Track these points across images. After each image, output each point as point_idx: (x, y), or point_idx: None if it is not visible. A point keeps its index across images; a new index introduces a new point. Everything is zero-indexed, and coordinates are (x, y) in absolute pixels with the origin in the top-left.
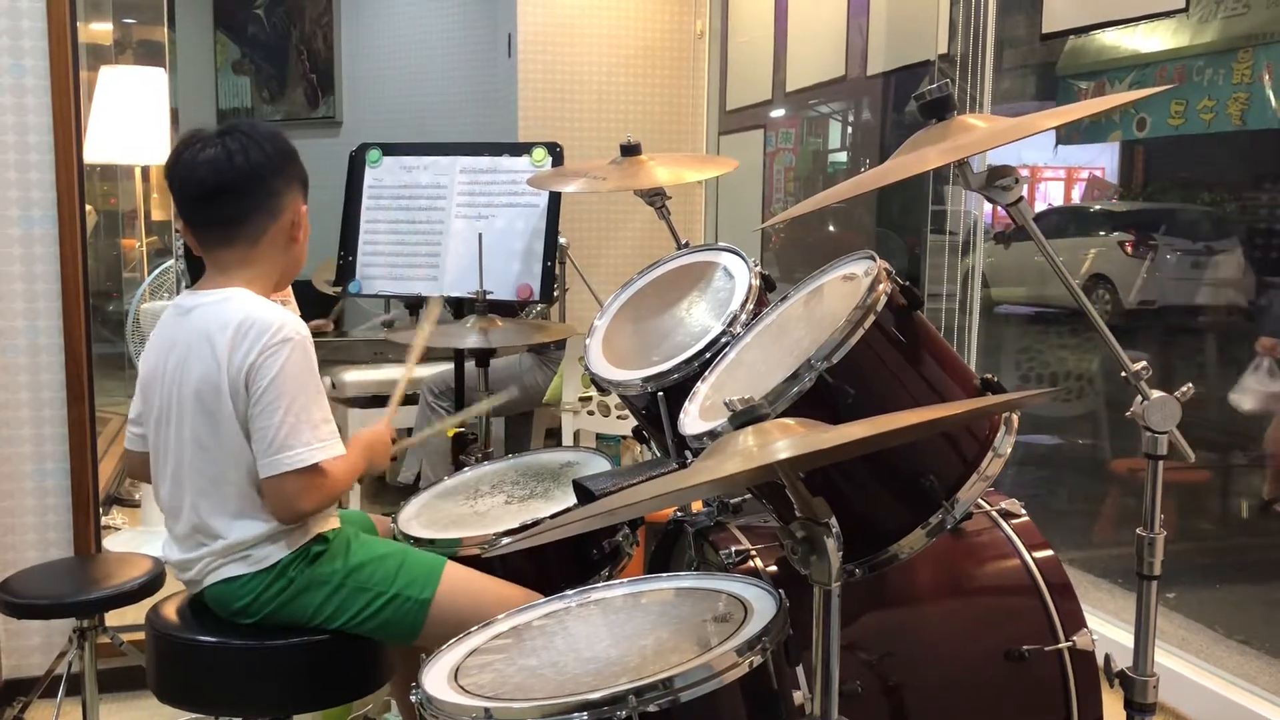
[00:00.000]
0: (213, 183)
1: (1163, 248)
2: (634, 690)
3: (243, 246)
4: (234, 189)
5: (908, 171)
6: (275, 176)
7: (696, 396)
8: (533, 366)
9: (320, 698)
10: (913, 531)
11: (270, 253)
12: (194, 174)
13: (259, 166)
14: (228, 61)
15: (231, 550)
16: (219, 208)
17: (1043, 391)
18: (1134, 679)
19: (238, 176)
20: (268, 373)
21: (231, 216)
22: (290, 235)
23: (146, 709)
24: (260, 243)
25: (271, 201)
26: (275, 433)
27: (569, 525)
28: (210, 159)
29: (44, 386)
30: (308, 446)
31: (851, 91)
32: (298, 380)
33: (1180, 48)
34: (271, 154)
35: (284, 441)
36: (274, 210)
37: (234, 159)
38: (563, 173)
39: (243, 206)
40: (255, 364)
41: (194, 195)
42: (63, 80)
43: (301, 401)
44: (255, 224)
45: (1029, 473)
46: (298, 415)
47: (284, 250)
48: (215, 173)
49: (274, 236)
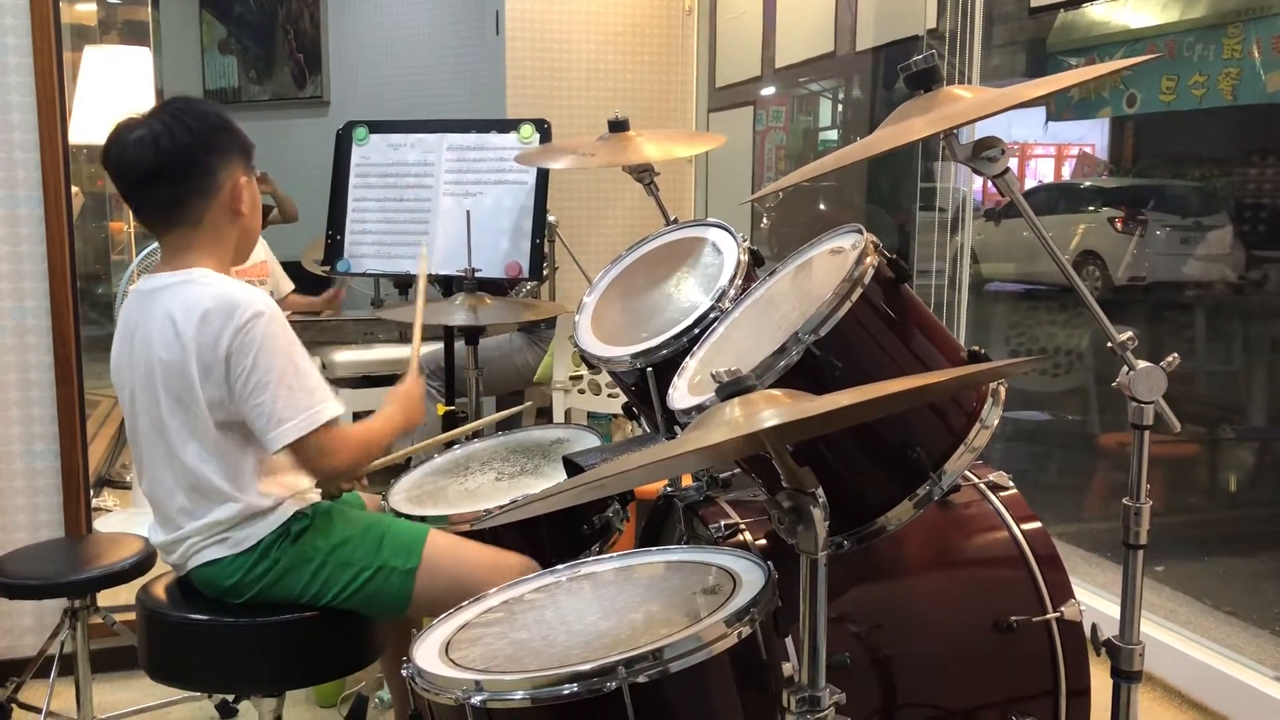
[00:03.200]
0: (142, 168)
1: (1153, 224)
2: (623, 661)
3: (185, 227)
4: (163, 173)
5: (894, 142)
6: (205, 154)
7: (685, 372)
8: (523, 346)
9: (312, 674)
10: (900, 503)
11: (215, 230)
12: (124, 158)
13: (185, 147)
14: (214, 41)
15: (209, 532)
16: (152, 192)
17: (1027, 359)
18: (1120, 647)
19: (165, 160)
20: (248, 351)
21: (166, 200)
22: (233, 210)
23: (139, 688)
24: (203, 222)
25: (205, 180)
26: (271, 407)
27: (558, 497)
28: (136, 142)
29: (32, 368)
30: (307, 411)
31: (841, 68)
32: (278, 352)
33: (1171, 23)
34: (199, 132)
35: (281, 414)
36: (209, 189)
37: (159, 142)
38: (551, 149)
39: (176, 189)
40: (232, 348)
41: (127, 181)
42: (46, 60)
43: (289, 372)
44: (193, 205)
45: (1019, 448)
46: (290, 385)
47: (230, 225)
48: (142, 157)
49: (215, 214)
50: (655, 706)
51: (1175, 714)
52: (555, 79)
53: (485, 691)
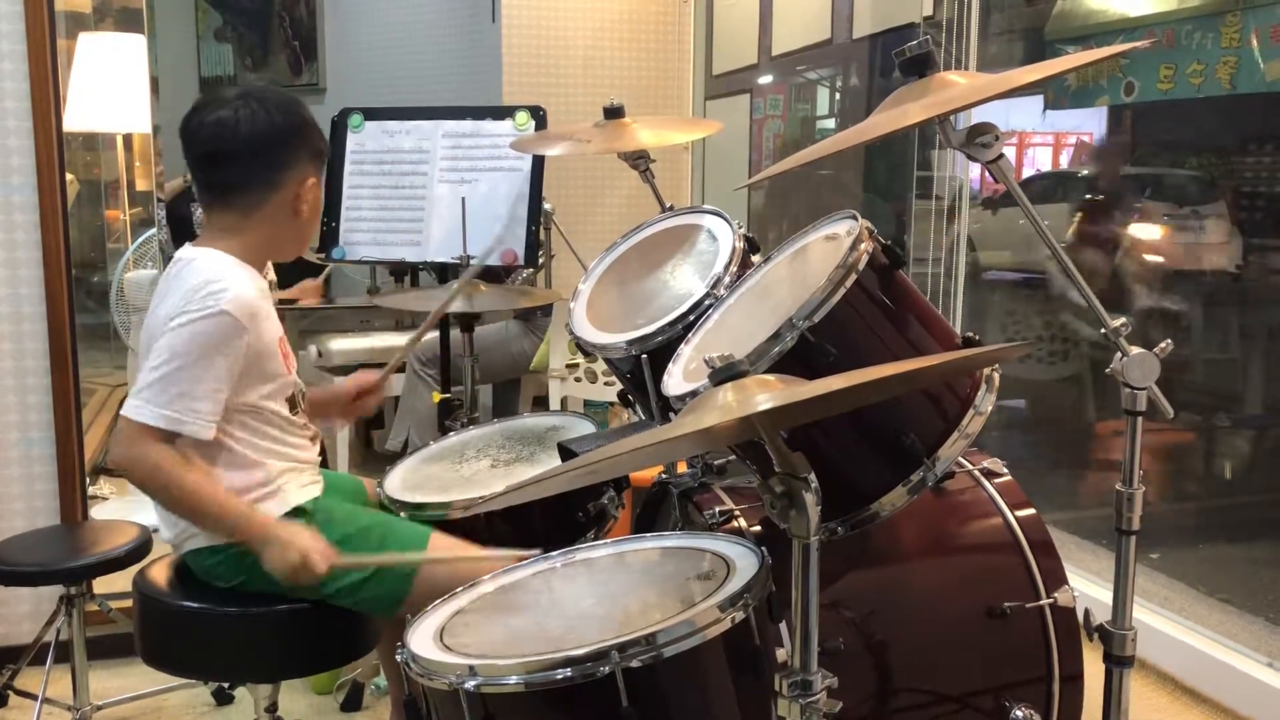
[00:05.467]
0: (213, 146)
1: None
2: (617, 646)
3: (237, 213)
4: (233, 156)
5: (889, 127)
6: (279, 147)
7: (680, 358)
8: (519, 333)
9: (308, 663)
10: (894, 489)
11: (267, 223)
12: (199, 134)
13: (263, 135)
14: (209, 28)
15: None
16: (217, 172)
17: (1019, 344)
18: (1113, 632)
19: (238, 144)
20: (180, 323)
21: (228, 183)
22: (293, 208)
23: (136, 675)
24: (256, 212)
25: (273, 173)
26: (143, 376)
27: (553, 482)
28: (215, 122)
29: (28, 355)
30: (153, 405)
31: (838, 55)
32: (193, 344)
33: (1168, 11)
34: (280, 124)
35: (140, 389)
36: (274, 182)
37: (239, 126)
38: (546, 136)
39: (241, 174)
40: (173, 315)
41: (196, 155)
42: (40, 47)
43: (180, 364)
44: (253, 193)
45: (1014, 436)
46: (165, 374)
47: (284, 222)
48: (217, 137)
49: (273, 208)
50: (648, 691)
51: (1168, 700)
52: (551, 66)
53: (479, 676)
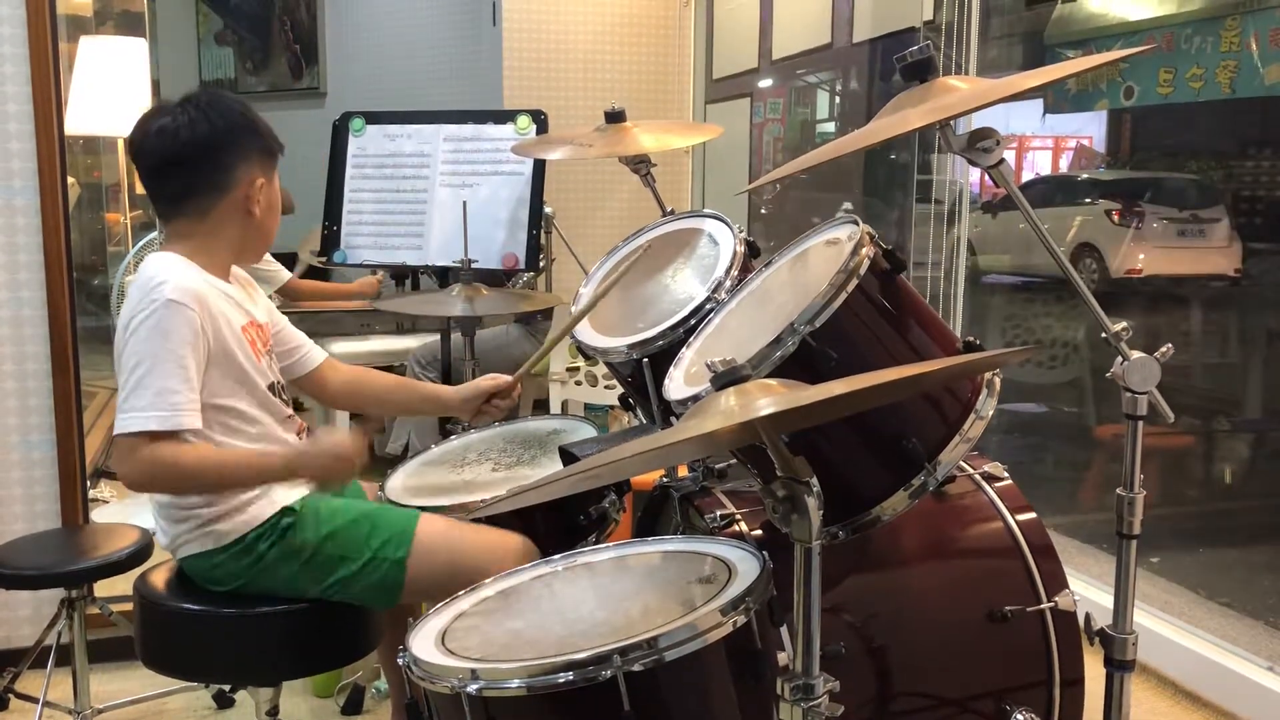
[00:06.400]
0: (159, 155)
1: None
2: (619, 650)
3: (191, 218)
4: (179, 162)
5: (890, 133)
6: (224, 150)
7: (681, 362)
8: (520, 337)
9: (309, 664)
10: (895, 493)
11: (221, 226)
12: (144, 146)
13: (203, 140)
14: (210, 32)
15: (194, 523)
16: (166, 180)
17: (1021, 349)
18: (1114, 637)
19: (183, 150)
20: (134, 329)
21: (178, 190)
22: (245, 209)
23: (137, 678)
24: (209, 216)
25: (220, 176)
26: (121, 392)
27: (554, 487)
28: (159, 130)
29: (29, 358)
30: (139, 411)
31: (838, 59)
32: (152, 342)
33: (1168, 15)
34: (222, 127)
35: (122, 404)
36: (223, 185)
37: (180, 133)
38: (547, 140)
39: (189, 180)
40: (129, 322)
41: (143, 168)
42: (42, 50)
43: (148, 366)
44: (203, 198)
45: (1014, 440)
46: (139, 379)
47: (239, 224)
48: (160, 147)
49: (225, 210)
50: (650, 695)
51: (1169, 704)
52: (552, 70)
53: (481, 680)
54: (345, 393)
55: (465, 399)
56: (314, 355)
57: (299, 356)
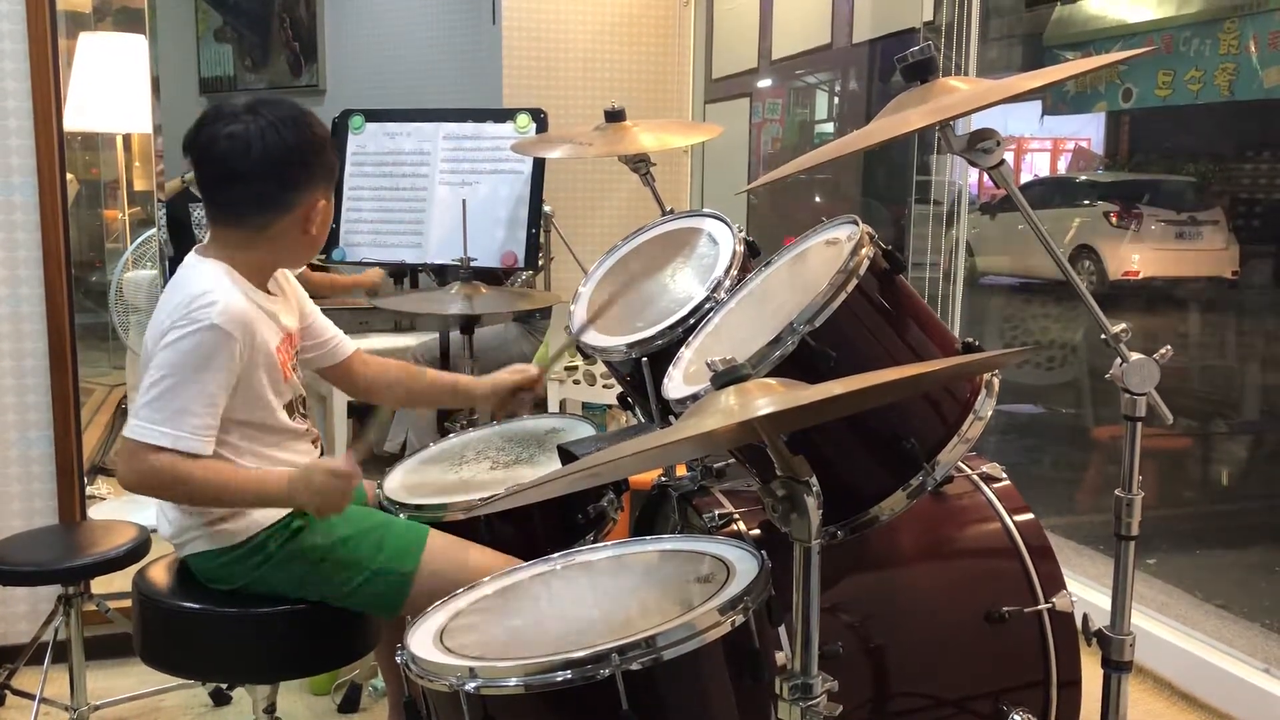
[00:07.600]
0: (227, 165)
1: (1147, 218)
2: (617, 649)
3: (246, 231)
4: (245, 178)
5: (890, 133)
6: (293, 169)
7: (680, 361)
8: (519, 336)
9: (306, 664)
10: (894, 493)
11: (275, 243)
12: (211, 151)
13: (277, 157)
14: (209, 29)
15: (202, 520)
16: (228, 189)
17: (1020, 350)
18: (1111, 638)
19: (254, 165)
20: (171, 342)
21: (238, 201)
22: (303, 228)
23: (134, 675)
24: (265, 232)
25: (286, 195)
26: (141, 395)
27: (552, 485)
28: (229, 137)
29: (27, 355)
30: (152, 424)
31: (837, 60)
32: (185, 362)
33: (1167, 18)
34: (294, 144)
35: (139, 409)
36: (286, 204)
37: (252, 145)
38: (547, 139)
39: (254, 198)
40: (166, 330)
41: (207, 175)
42: (41, 46)
43: (174, 382)
44: (264, 215)
45: (1012, 441)
46: (161, 392)
47: (294, 241)
48: (230, 155)
49: (283, 228)
50: (648, 694)
51: (1165, 705)
52: (552, 69)
53: (479, 678)
54: (373, 385)
55: (492, 392)
56: (344, 346)
57: (329, 348)
